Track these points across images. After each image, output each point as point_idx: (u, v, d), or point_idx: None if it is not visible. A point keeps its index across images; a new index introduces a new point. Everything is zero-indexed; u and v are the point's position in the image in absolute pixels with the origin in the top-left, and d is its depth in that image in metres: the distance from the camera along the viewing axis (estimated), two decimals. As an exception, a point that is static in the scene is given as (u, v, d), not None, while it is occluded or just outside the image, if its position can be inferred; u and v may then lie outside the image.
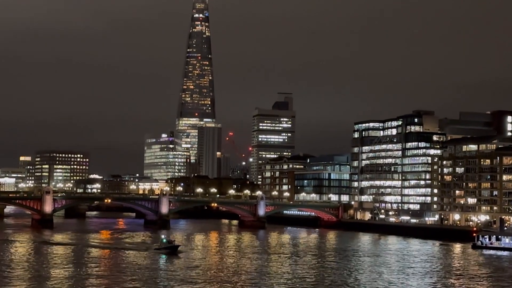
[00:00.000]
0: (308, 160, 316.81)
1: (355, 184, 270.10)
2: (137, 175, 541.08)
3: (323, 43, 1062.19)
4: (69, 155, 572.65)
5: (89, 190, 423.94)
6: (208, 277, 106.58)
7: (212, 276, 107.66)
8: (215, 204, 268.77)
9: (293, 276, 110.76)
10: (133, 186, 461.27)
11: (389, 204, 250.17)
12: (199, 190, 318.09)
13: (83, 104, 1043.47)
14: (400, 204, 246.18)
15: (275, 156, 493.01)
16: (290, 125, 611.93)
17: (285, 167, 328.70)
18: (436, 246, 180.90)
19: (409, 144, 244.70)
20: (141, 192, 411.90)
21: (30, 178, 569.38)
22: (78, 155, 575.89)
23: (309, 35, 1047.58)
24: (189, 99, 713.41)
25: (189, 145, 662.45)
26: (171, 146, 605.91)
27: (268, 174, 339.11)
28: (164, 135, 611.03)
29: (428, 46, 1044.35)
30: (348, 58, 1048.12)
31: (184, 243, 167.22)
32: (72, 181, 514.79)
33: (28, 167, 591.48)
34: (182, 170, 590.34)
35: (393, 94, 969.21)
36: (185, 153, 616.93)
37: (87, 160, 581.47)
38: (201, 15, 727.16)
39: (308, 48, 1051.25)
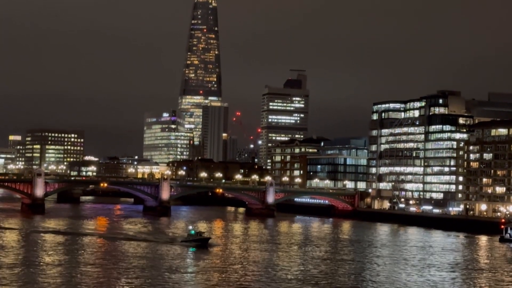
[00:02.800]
0: (322, 144, 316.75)
1: (373, 170, 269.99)
2: (136, 157, 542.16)
3: (340, 16, 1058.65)
4: (63, 135, 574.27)
5: (84, 173, 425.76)
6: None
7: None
8: (220, 190, 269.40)
9: (309, 271, 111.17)
10: (131, 170, 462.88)
11: (410, 193, 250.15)
12: (203, 174, 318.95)
13: (77, 79, 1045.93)
14: (421, 193, 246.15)
15: (286, 138, 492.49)
16: (303, 105, 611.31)
17: (297, 150, 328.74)
18: (460, 238, 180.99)
19: (432, 127, 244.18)
20: (140, 176, 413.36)
21: (20, 159, 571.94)
22: (72, 135, 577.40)
23: (324, 7, 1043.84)
24: (193, 75, 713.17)
25: (192, 126, 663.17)
26: (173, 126, 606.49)
27: (278, 158, 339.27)
28: (165, 115, 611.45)
29: (454, 21, 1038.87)
30: (367, 34, 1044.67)
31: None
32: (65, 163, 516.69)
33: (18, 147, 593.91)
34: (184, 153, 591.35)
35: (416, 72, 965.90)
36: (188, 134, 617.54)
37: (82, 140, 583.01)
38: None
39: (324, 21, 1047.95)
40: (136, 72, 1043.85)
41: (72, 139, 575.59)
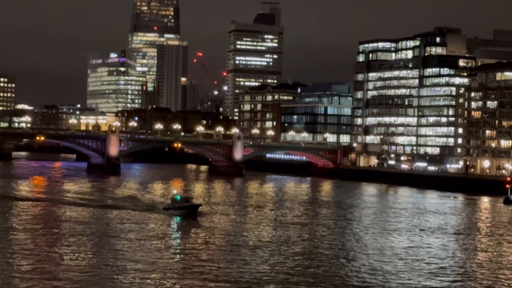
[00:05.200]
0: (299, 90, 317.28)
1: (359, 121, 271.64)
2: (79, 106, 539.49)
3: None
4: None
5: (16, 125, 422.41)
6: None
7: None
8: (179, 145, 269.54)
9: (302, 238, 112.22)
10: (73, 120, 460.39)
11: (401, 147, 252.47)
12: (159, 126, 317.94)
13: (7, 14, 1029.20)
14: (415, 147, 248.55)
15: (257, 84, 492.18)
16: (276, 44, 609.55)
17: (269, 98, 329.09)
18: (458, 200, 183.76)
19: (428, 71, 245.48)
20: (83, 128, 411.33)
21: None
22: (2, 80, 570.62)
23: None
24: (145, 8, 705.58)
25: (145, 68, 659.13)
26: (122, 69, 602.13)
27: (247, 107, 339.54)
28: (113, 55, 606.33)
29: None
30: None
31: (144, 195, 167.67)
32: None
33: None
34: (136, 101, 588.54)
35: (409, 7, 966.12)
36: (141, 78, 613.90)
37: (13, 86, 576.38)
38: None
39: None
40: (78, 5, 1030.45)
41: (2, 84, 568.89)
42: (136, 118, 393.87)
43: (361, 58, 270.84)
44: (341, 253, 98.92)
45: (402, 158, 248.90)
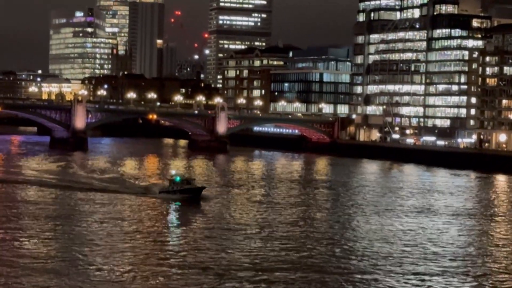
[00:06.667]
0: (291, 54, 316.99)
1: (358, 89, 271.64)
2: (40, 72, 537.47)
3: None
4: None
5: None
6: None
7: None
8: (154, 116, 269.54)
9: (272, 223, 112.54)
10: (33, 88, 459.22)
11: (407, 119, 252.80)
12: (131, 95, 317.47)
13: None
14: (422, 119, 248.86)
15: (243, 47, 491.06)
16: (265, 2, 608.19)
17: (257, 63, 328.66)
18: (471, 178, 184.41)
19: (437, 32, 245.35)
20: (45, 97, 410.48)
21: None
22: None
23: None
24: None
25: (116, 29, 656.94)
26: (89, 30, 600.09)
27: (232, 73, 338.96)
28: (79, 14, 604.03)
29: None
30: None
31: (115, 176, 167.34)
32: None
33: None
34: (105, 66, 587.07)
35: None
36: (111, 40, 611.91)
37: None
38: None
39: None
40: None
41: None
42: (106, 86, 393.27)
43: (361, 17, 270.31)
44: (338, 238, 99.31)
45: (408, 131, 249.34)
